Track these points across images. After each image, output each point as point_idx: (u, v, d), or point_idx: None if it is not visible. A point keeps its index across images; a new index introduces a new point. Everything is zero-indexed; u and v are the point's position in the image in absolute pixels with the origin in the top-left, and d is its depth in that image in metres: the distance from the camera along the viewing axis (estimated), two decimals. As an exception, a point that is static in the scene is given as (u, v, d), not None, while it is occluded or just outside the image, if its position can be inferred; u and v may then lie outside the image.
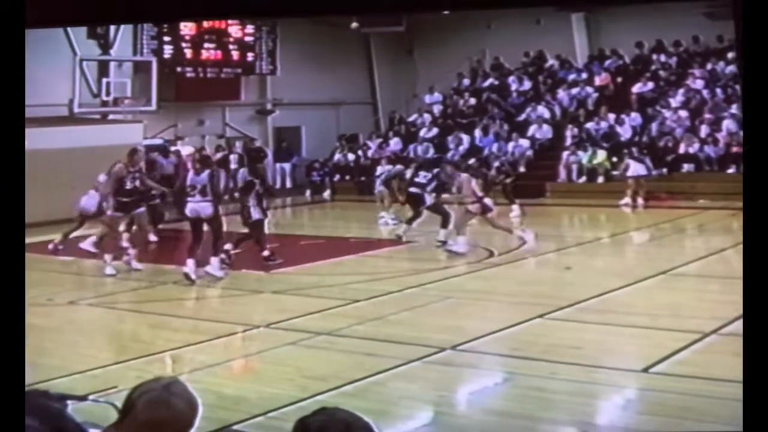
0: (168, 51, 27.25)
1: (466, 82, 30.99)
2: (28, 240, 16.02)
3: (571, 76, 29.16)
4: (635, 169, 23.29)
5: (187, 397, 3.51)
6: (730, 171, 23.59)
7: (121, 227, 16.14)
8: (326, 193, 27.01)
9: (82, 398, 4.46)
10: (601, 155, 25.38)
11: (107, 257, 15.29)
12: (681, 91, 26.73)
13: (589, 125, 26.79)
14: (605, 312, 11.74)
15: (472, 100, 29.95)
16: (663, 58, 28.25)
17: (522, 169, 26.58)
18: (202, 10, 6.93)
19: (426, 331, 10.88)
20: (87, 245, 16.28)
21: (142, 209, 16.04)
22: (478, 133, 27.93)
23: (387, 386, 9.08)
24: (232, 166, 25.97)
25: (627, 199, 22.61)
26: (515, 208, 20.68)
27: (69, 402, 4.24)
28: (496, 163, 23.53)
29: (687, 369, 9.09)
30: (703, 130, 25.08)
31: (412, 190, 17.94)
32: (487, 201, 16.35)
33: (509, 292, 13.37)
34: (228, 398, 8.54)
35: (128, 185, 15.61)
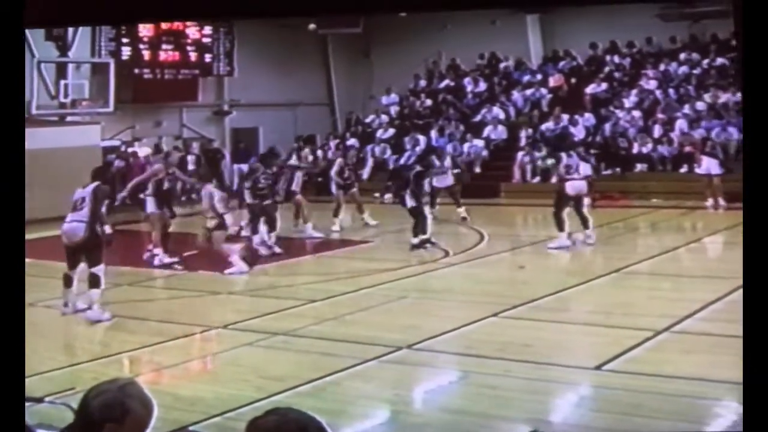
0: (126, 52, 27.12)
1: (423, 83, 31.09)
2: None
3: (526, 78, 29.33)
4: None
5: (142, 398, 3.54)
6: (683, 171, 23.83)
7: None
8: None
9: (39, 400, 4.51)
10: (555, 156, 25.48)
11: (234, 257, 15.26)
12: (634, 91, 26.96)
13: (543, 126, 26.95)
14: (559, 310, 11.90)
15: (429, 102, 30.05)
16: (616, 59, 28.46)
17: (477, 170, 26.75)
18: (199, 11, 6.98)
19: (382, 331, 10.96)
20: (163, 260, 16.17)
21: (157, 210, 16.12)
22: (434, 134, 28.01)
23: (343, 386, 9.15)
24: (190, 167, 25.91)
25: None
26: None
27: (27, 405, 4.27)
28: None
29: (639, 366, 9.20)
30: (657, 130, 25.32)
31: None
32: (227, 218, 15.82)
33: (464, 291, 13.50)
34: (184, 399, 8.58)
35: (166, 185, 15.89)
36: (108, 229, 12.88)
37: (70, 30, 25.47)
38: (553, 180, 18.63)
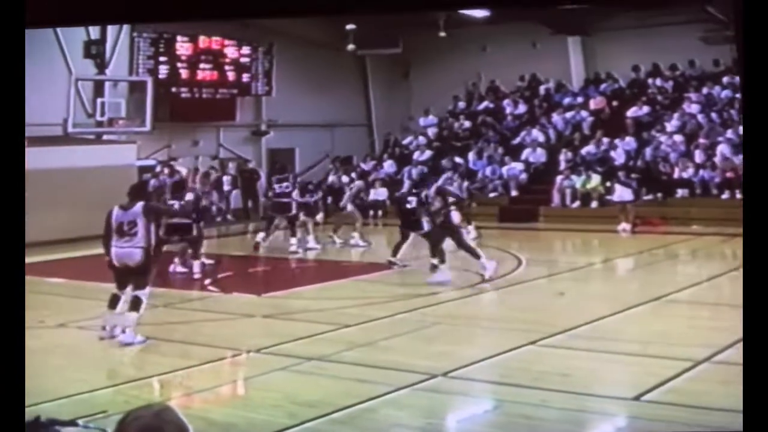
0: (164, 71, 27.22)
1: (462, 104, 31.01)
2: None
3: (567, 100, 29.19)
4: (621, 194, 23.21)
5: (179, 424, 3.49)
6: (724, 197, 23.56)
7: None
8: (319, 216, 26.93)
9: (72, 423, 4.43)
10: (596, 180, 25.32)
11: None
12: (676, 115, 26.72)
13: (585, 149, 26.76)
14: (596, 339, 11.68)
15: (467, 123, 29.95)
16: (659, 81, 28.27)
17: (514, 193, 26.61)
18: (199, 12, 6.93)
19: (416, 358, 10.82)
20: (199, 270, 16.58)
21: None
22: (472, 156, 27.89)
23: (377, 413, 9.03)
24: (226, 187, 25.94)
25: (624, 225, 22.47)
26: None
27: (60, 428, 4.22)
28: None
29: (678, 397, 9.01)
30: (698, 155, 25.05)
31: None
32: None
33: (500, 318, 13.34)
34: (217, 424, 8.52)
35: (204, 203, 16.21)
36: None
37: (108, 47, 25.61)
38: None
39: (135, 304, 12.18)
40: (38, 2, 5.49)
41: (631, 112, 27.48)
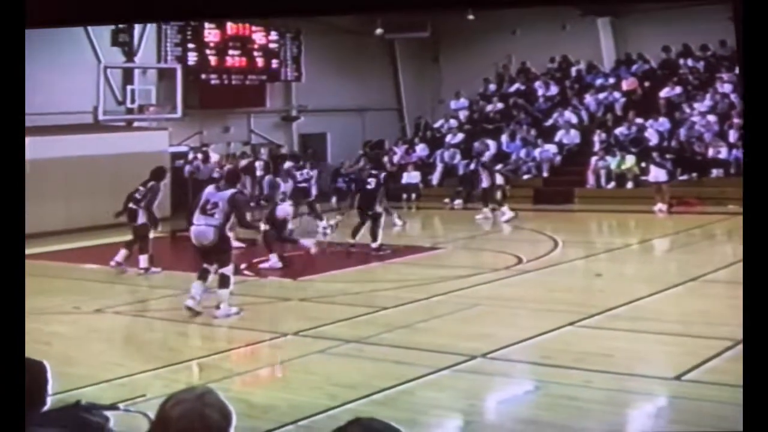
0: (192, 58, 27.22)
1: (492, 87, 30.85)
2: (52, 248, 16.08)
3: (599, 81, 28.99)
4: (655, 174, 23.03)
5: (221, 407, 3.43)
6: (759, 176, 23.33)
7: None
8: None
9: (113, 407, 4.41)
10: (630, 160, 25.14)
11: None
12: (708, 95, 26.50)
13: (618, 130, 26.59)
14: (636, 319, 11.63)
15: (499, 105, 29.81)
16: (690, 62, 28.03)
17: (546, 174, 26.50)
18: (201, 10, 6.90)
19: (455, 339, 10.78)
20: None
21: None
22: (505, 138, 27.78)
23: (416, 395, 9.00)
24: (258, 173, 25.92)
25: (660, 205, 22.30)
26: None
27: (100, 412, 4.19)
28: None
29: (719, 377, 8.94)
30: (732, 135, 24.84)
31: None
32: None
33: (538, 299, 13.23)
34: (258, 407, 8.50)
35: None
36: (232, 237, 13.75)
37: (136, 35, 25.64)
38: None
39: (223, 281, 12.65)
40: (38, 2, 5.48)
41: (664, 93, 27.27)
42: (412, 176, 27.41)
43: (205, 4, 6.74)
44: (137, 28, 25.69)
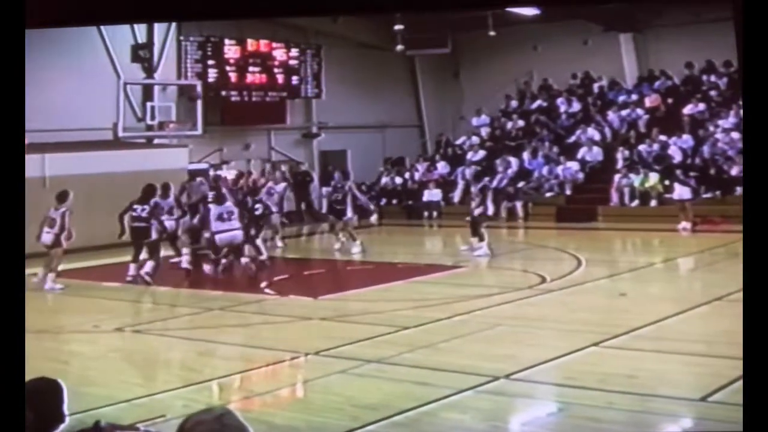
0: (212, 74, 27.24)
1: (514, 103, 30.78)
2: (72, 266, 16.02)
3: (621, 98, 28.88)
4: (680, 192, 22.85)
5: (240, 428, 3.41)
6: (784, 194, 23.11)
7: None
8: (373, 218, 26.74)
9: (133, 428, 4.35)
10: (654, 178, 24.98)
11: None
12: (732, 112, 26.31)
13: (641, 147, 26.43)
14: (661, 339, 11.47)
15: (521, 122, 29.72)
16: (713, 78, 27.88)
17: (568, 192, 26.36)
18: (202, 10, 6.86)
19: (477, 360, 10.66)
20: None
21: None
22: (526, 155, 27.67)
23: (438, 416, 8.90)
24: (278, 190, 25.85)
25: (684, 223, 22.10)
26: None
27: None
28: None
29: (747, 399, 8.80)
30: (756, 152, 24.61)
31: None
32: None
33: (562, 319, 13.09)
34: (278, 428, 8.46)
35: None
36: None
37: (156, 52, 25.64)
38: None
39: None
40: (38, 2, 5.45)
41: (688, 110, 27.12)
42: (433, 194, 27.36)
43: (205, 4, 6.69)
44: (157, 44, 25.72)
